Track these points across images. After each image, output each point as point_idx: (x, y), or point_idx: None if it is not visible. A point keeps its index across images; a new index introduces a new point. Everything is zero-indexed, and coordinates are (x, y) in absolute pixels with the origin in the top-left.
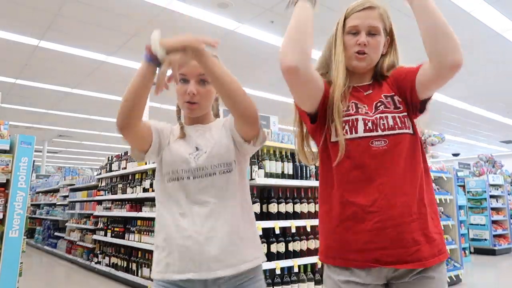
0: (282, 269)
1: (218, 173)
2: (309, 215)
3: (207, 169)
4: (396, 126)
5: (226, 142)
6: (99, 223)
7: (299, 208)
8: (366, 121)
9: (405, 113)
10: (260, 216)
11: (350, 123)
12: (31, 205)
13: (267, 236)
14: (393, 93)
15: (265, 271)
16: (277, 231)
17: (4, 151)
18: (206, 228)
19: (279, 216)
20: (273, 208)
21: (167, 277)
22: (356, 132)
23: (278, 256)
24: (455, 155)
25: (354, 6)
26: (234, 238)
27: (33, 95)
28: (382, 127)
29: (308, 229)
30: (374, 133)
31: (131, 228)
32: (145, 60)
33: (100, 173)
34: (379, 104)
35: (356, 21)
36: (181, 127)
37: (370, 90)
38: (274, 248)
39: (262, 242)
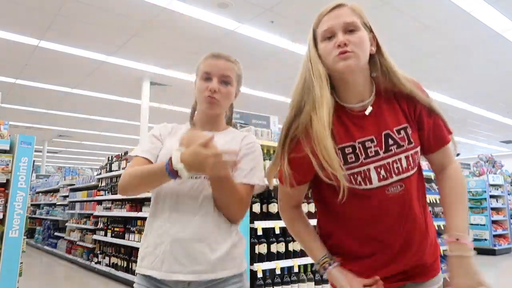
0: (282, 269)
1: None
2: (309, 215)
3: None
4: (410, 166)
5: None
6: (99, 223)
7: None
8: (379, 170)
9: (418, 148)
10: (260, 216)
11: (362, 174)
12: (31, 205)
13: (267, 236)
14: (406, 124)
15: (265, 271)
16: (277, 231)
17: (4, 151)
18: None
19: (279, 216)
20: (273, 208)
21: None
22: (371, 184)
23: (278, 256)
24: (455, 155)
25: (321, 12)
26: (200, 246)
27: (33, 95)
28: (397, 171)
29: None
30: (389, 180)
31: (131, 228)
32: (165, 170)
33: (100, 173)
34: (390, 142)
35: (327, 23)
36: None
37: (370, 108)
38: (274, 248)
39: (262, 242)
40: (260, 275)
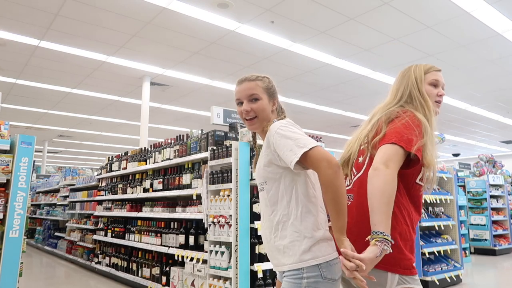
0: None
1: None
2: None
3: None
4: None
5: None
6: (99, 223)
7: None
8: None
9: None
10: (261, 216)
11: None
12: (32, 205)
13: None
14: None
15: (265, 271)
16: None
17: (5, 151)
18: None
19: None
20: None
21: None
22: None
23: None
24: (456, 155)
25: (431, 66)
26: (270, 246)
27: (33, 95)
28: None
29: None
30: None
31: (131, 228)
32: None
33: (100, 173)
34: None
35: (436, 77)
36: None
37: None
38: None
39: (262, 242)
40: (260, 275)
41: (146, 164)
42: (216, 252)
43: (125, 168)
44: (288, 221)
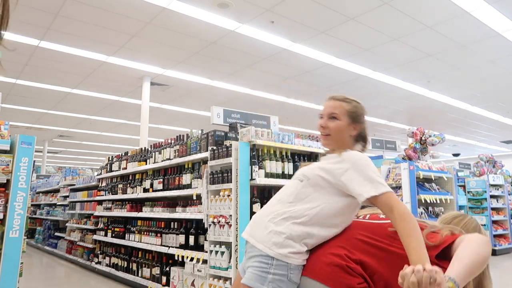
0: None
1: None
2: None
3: None
4: None
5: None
6: (100, 223)
7: None
8: None
9: None
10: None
11: None
12: (32, 205)
13: None
14: None
15: None
16: None
17: (5, 151)
18: None
19: None
20: None
21: None
22: None
23: None
24: (456, 155)
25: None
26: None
27: (33, 95)
28: None
29: None
30: None
31: (132, 228)
32: None
33: (101, 173)
34: None
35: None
36: None
37: None
38: None
39: None
40: None
41: (146, 164)
42: (216, 252)
43: (125, 168)
44: (295, 219)
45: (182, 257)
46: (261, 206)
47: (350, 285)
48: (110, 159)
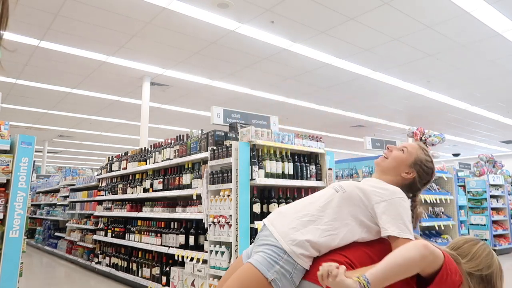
0: None
1: None
2: None
3: None
4: None
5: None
6: (100, 223)
7: None
8: None
9: None
10: (261, 216)
11: None
12: (32, 205)
13: None
14: None
15: None
16: None
17: (5, 151)
18: None
19: None
20: (273, 208)
21: None
22: None
23: None
24: (456, 155)
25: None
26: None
27: (33, 95)
28: None
29: None
30: None
31: (132, 228)
32: None
33: (101, 173)
34: None
35: None
36: None
37: None
38: None
39: None
40: None
41: (146, 164)
42: (216, 252)
43: (125, 168)
44: (321, 226)
45: (182, 257)
46: (261, 206)
47: None
48: (110, 159)
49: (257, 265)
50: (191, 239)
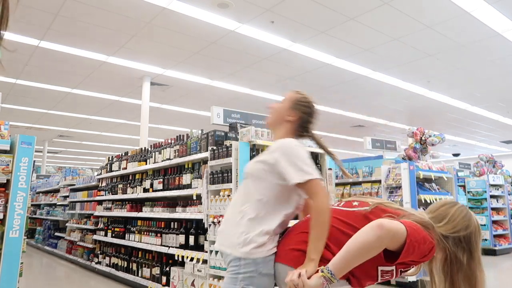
0: None
1: None
2: None
3: None
4: None
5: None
6: (100, 223)
7: None
8: None
9: None
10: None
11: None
12: (32, 205)
13: None
14: None
15: None
16: None
17: (5, 151)
18: None
19: None
20: None
21: None
22: None
23: None
24: (456, 155)
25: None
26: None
27: (33, 95)
28: None
29: None
30: None
31: (132, 228)
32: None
33: (101, 173)
34: None
35: None
36: None
37: None
38: None
39: None
40: None
41: (146, 164)
42: (216, 252)
43: (125, 168)
44: (249, 215)
45: (182, 257)
46: None
47: None
48: (110, 159)
49: (224, 286)
50: (191, 239)
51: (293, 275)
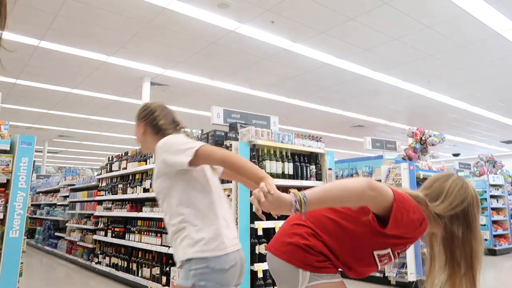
0: None
1: None
2: None
3: None
4: None
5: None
6: (100, 223)
7: None
8: None
9: None
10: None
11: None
12: (32, 205)
13: (268, 236)
14: None
15: (265, 271)
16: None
17: (5, 151)
18: None
19: (280, 216)
20: None
21: None
22: None
23: None
24: (456, 155)
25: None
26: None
27: (33, 95)
28: None
29: None
30: None
31: (132, 228)
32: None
33: (101, 173)
34: None
35: None
36: None
37: None
38: None
39: (262, 242)
40: (260, 275)
41: (146, 164)
42: None
43: (125, 168)
44: (171, 221)
45: None
46: None
47: (306, 262)
48: (110, 159)
49: (179, 282)
50: None
51: (262, 187)
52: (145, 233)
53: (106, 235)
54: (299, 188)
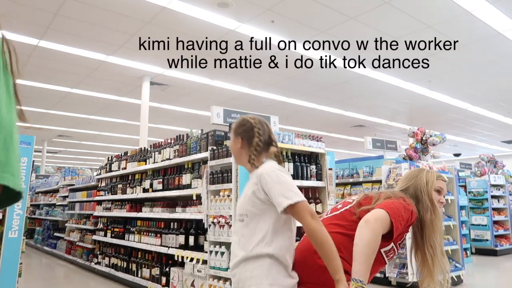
0: None
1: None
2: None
3: None
4: None
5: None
6: (99, 224)
7: None
8: None
9: None
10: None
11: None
12: (31, 205)
13: None
14: None
15: None
16: None
17: None
18: None
19: None
20: None
21: None
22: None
23: None
24: (457, 155)
25: (439, 175)
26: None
27: (33, 95)
28: None
29: None
30: None
31: (131, 229)
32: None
33: (100, 173)
34: None
35: (441, 185)
36: None
37: None
38: None
39: None
40: None
41: (145, 164)
42: (216, 252)
43: (125, 168)
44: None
45: (182, 257)
46: None
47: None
48: (110, 159)
49: None
50: (191, 240)
51: None
52: (145, 233)
53: (105, 235)
54: (300, 189)
